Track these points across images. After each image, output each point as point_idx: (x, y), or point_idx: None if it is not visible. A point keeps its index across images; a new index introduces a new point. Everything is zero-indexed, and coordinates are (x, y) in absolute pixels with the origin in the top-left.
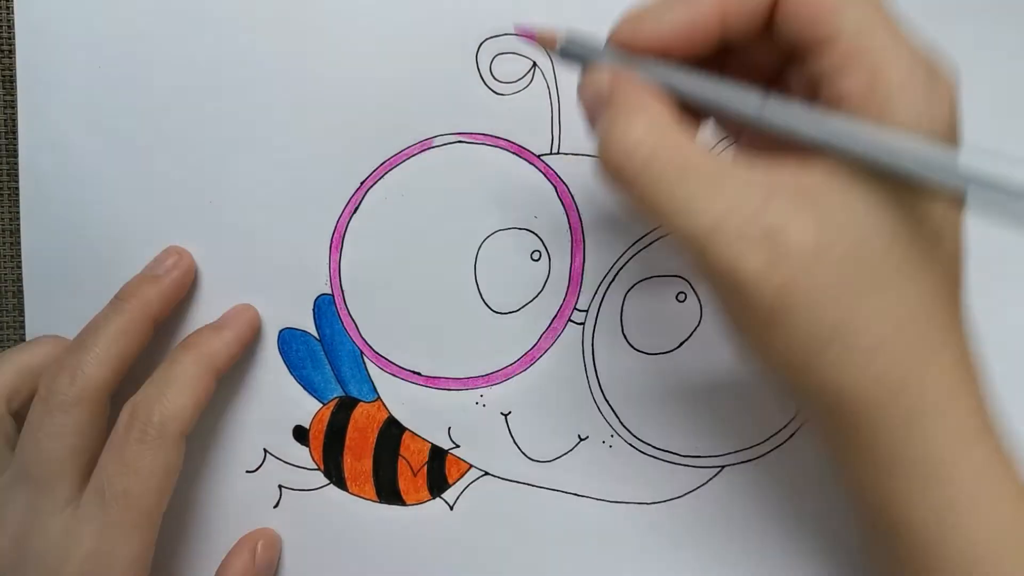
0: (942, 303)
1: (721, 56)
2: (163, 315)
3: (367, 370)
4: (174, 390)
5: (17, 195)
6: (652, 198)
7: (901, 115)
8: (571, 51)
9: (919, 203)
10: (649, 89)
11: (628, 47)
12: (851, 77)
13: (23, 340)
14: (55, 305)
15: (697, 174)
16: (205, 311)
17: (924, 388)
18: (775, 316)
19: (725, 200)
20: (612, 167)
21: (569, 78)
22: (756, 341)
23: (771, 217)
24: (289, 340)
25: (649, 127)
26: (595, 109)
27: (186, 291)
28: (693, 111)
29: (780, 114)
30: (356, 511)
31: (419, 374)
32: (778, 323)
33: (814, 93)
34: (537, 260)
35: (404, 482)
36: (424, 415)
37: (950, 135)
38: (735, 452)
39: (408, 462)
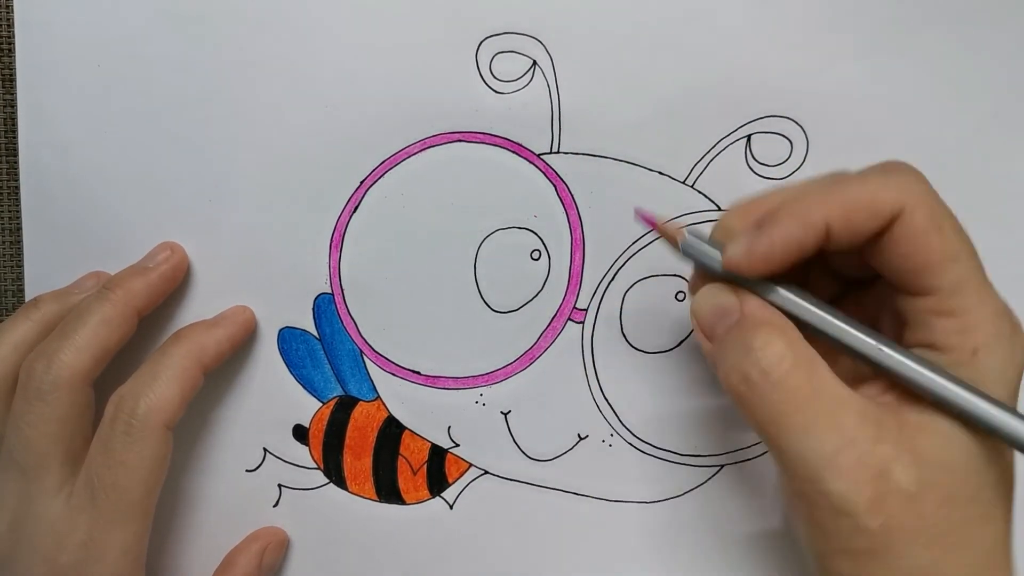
0: (1007, 538)
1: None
2: (149, 307)
3: (367, 369)
4: (161, 382)
5: (18, 194)
6: (776, 415)
7: (986, 368)
8: (689, 251)
9: (996, 447)
10: (775, 309)
11: (740, 272)
12: (944, 325)
13: None
14: None
15: (822, 401)
16: (204, 310)
17: None
18: (877, 548)
19: (844, 433)
20: (744, 381)
21: (569, 77)
22: (852, 564)
23: (881, 455)
24: (289, 339)
25: (788, 345)
26: (716, 323)
27: (176, 285)
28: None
29: (892, 361)
30: (356, 510)
31: (419, 373)
32: (879, 554)
33: (900, 315)
34: (537, 259)
35: (404, 481)
36: (424, 414)
37: None
38: (735, 451)
39: (408, 461)
